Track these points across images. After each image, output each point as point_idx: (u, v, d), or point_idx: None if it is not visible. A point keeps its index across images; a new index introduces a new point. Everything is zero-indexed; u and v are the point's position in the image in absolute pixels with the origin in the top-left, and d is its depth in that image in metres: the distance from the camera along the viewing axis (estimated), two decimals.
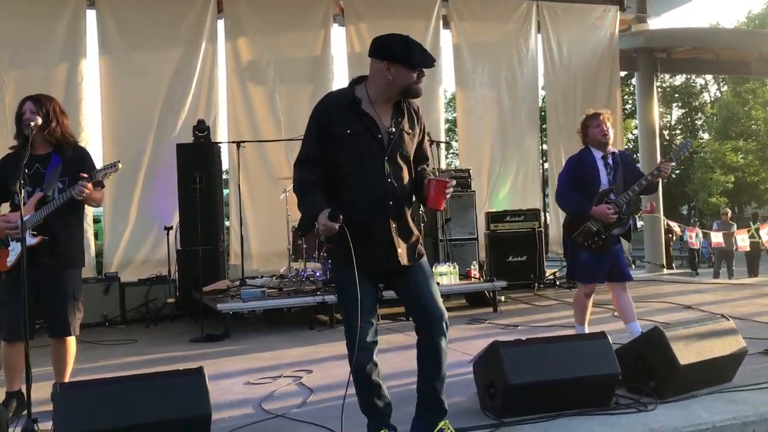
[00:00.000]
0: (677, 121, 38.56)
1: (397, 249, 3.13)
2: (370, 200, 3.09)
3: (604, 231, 4.86)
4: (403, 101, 3.18)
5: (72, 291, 4.07)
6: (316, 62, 10.09)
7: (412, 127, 3.21)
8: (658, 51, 13.26)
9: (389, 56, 3.05)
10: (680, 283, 10.29)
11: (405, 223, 3.20)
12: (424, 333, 3.17)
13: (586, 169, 5.01)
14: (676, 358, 3.78)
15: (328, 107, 3.15)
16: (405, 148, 3.17)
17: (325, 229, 2.99)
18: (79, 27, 9.03)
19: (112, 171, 3.98)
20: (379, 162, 3.08)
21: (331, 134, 3.09)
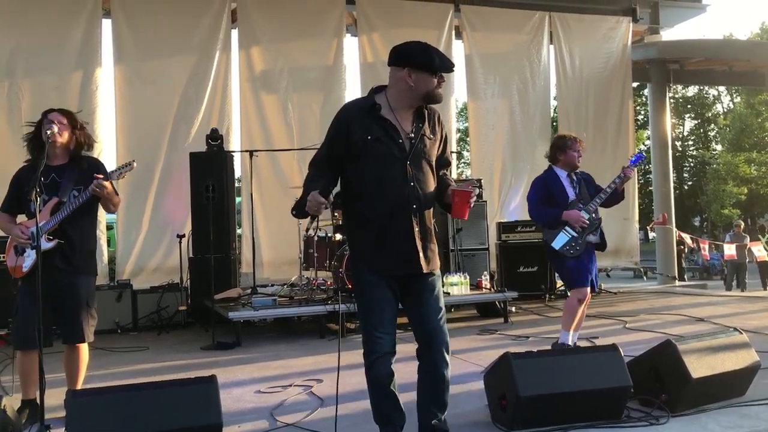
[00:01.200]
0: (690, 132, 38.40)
1: (419, 252, 3.14)
2: (393, 203, 3.10)
3: (579, 237, 5.17)
4: (423, 107, 3.20)
5: (86, 297, 4.11)
6: (329, 72, 10.13)
7: (434, 132, 3.24)
8: (671, 62, 13.22)
9: (410, 63, 3.09)
10: (692, 296, 10.23)
11: (427, 228, 3.22)
12: (425, 357, 3.20)
13: (554, 187, 5.37)
14: (689, 371, 3.77)
15: (348, 115, 3.21)
16: (427, 153, 3.20)
17: (311, 202, 3.02)
18: (95, 36, 9.10)
19: (128, 170, 4.06)
20: (401, 165, 3.11)
21: (349, 141, 3.12)
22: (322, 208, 3.03)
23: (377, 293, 3.13)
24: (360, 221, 3.19)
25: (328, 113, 9.85)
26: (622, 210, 11.61)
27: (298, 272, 8.43)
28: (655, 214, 13.23)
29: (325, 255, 7.85)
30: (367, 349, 3.16)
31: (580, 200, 5.31)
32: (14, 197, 4.17)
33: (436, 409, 3.20)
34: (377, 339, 3.12)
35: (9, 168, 4.30)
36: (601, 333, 6.67)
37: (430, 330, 3.16)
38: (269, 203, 9.55)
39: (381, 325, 3.12)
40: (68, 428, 3.08)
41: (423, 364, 3.21)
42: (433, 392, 3.19)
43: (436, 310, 3.18)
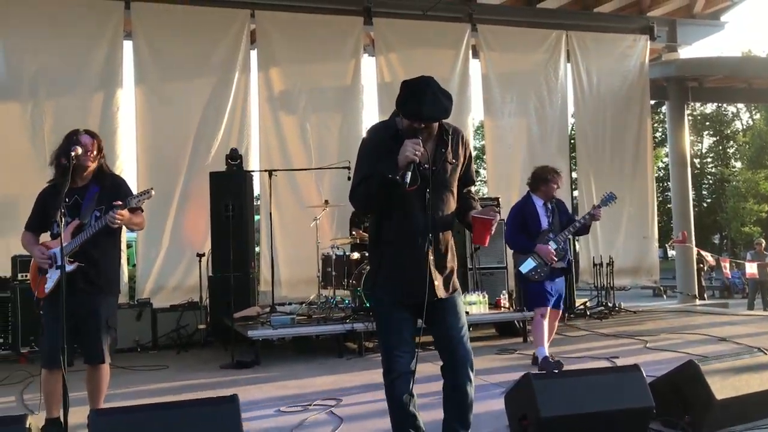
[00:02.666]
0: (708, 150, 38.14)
1: (434, 282, 3.14)
2: (410, 232, 3.11)
3: (545, 264, 5.80)
4: (444, 133, 3.19)
5: (105, 318, 4.14)
6: (347, 92, 10.21)
7: (456, 156, 3.23)
8: (689, 80, 13.19)
9: (397, 102, 3.11)
10: (713, 315, 10.11)
11: (443, 255, 3.22)
12: (449, 375, 3.21)
13: (529, 215, 5.96)
14: (713, 392, 3.73)
15: (374, 140, 3.23)
16: (447, 180, 3.20)
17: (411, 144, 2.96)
18: (116, 58, 9.25)
19: (146, 198, 4.07)
20: (420, 194, 3.09)
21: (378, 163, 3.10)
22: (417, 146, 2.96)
23: (395, 313, 3.16)
24: (378, 245, 3.22)
25: (345, 133, 9.96)
26: (641, 228, 11.59)
27: (316, 291, 8.45)
28: (674, 232, 13.14)
29: (342, 273, 7.87)
30: (386, 369, 3.17)
31: (551, 230, 5.91)
32: (38, 217, 4.23)
33: (460, 427, 3.20)
34: (396, 358, 3.13)
35: (32, 187, 4.36)
36: (622, 353, 6.60)
37: (453, 350, 3.17)
38: (288, 222, 9.60)
39: (399, 344, 3.14)
40: None
41: (447, 382, 3.21)
42: (458, 410, 3.19)
43: (458, 329, 3.19)
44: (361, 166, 3.21)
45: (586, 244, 11.34)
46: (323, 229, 8.91)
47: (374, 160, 3.12)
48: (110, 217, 3.93)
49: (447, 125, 3.23)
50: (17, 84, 8.82)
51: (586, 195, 11.40)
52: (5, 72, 8.79)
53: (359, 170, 3.21)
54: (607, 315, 9.84)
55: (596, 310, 10.05)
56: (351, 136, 9.86)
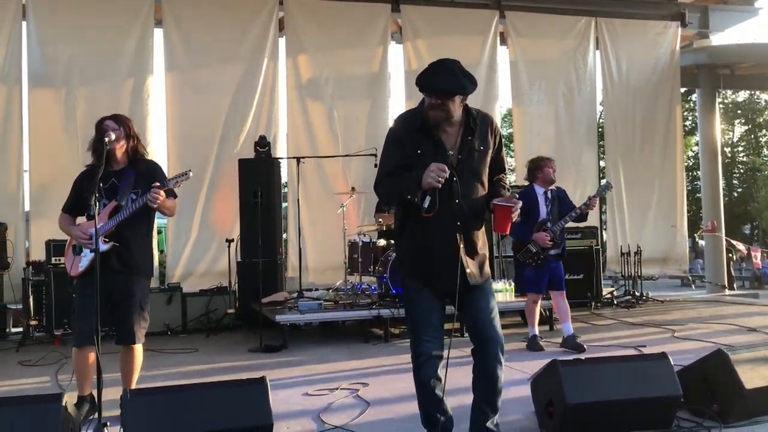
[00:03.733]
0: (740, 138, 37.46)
1: (466, 269, 3.15)
2: (440, 221, 3.10)
3: (542, 252, 6.25)
4: (471, 120, 3.18)
5: (139, 299, 4.23)
6: (374, 79, 10.21)
7: (484, 143, 3.21)
8: (721, 67, 12.95)
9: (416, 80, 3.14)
10: (743, 305, 9.99)
11: (473, 242, 3.23)
12: (479, 358, 3.24)
13: (531, 203, 6.26)
14: (741, 381, 3.71)
15: (400, 129, 3.24)
16: (475, 167, 3.19)
17: (435, 168, 2.96)
18: (147, 45, 9.35)
19: (184, 179, 4.15)
20: (447, 183, 3.06)
21: (406, 153, 3.15)
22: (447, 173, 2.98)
23: (424, 299, 3.19)
24: (406, 235, 3.23)
25: (372, 120, 9.98)
26: (669, 217, 11.46)
27: (342, 277, 8.52)
28: (703, 222, 12.96)
29: (369, 260, 7.92)
30: (415, 353, 3.20)
31: (549, 219, 6.29)
32: (75, 199, 4.33)
33: (490, 410, 3.23)
34: (424, 342, 3.17)
35: (65, 173, 4.45)
36: (649, 342, 6.57)
37: (485, 334, 3.20)
38: (315, 209, 9.67)
39: (428, 329, 3.17)
40: (125, 426, 3.19)
41: (478, 364, 3.25)
42: (487, 392, 3.23)
43: (488, 312, 3.22)
44: (385, 158, 3.24)
45: (614, 233, 11.26)
46: (350, 216, 8.96)
47: (397, 154, 3.16)
48: (151, 196, 4.01)
49: (475, 111, 3.22)
50: (51, 71, 8.96)
51: (615, 184, 11.27)
52: (40, 60, 8.94)
53: (383, 163, 3.25)
54: (634, 304, 9.77)
55: (623, 300, 9.98)
56: (378, 123, 9.88)
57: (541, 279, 6.38)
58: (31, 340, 7.50)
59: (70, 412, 3.29)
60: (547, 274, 6.39)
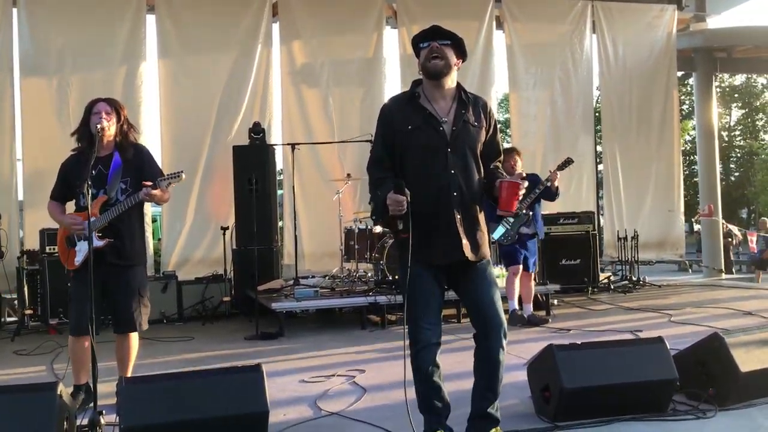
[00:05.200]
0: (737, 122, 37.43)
1: (462, 240, 3.13)
2: (434, 191, 3.12)
3: (511, 229, 6.52)
4: (463, 94, 3.22)
5: (137, 288, 4.21)
6: (369, 64, 10.15)
7: (478, 119, 3.22)
8: (717, 50, 12.89)
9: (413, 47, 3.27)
10: (740, 289, 10.01)
11: (472, 217, 3.21)
12: (481, 341, 3.22)
13: None
14: (737, 364, 3.71)
15: (390, 108, 3.30)
16: (470, 141, 3.19)
17: (392, 202, 3.02)
18: (139, 32, 9.27)
19: (176, 181, 4.08)
20: (441, 154, 3.11)
21: (394, 132, 3.20)
22: (404, 204, 3.01)
23: (423, 284, 3.14)
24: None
25: (368, 106, 9.92)
26: (666, 201, 11.46)
27: (339, 264, 8.50)
28: (700, 206, 12.96)
29: (365, 247, 7.90)
30: (413, 339, 3.17)
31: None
32: (62, 186, 4.27)
33: (491, 395, 3.21)
34: (423, 330, 3.14)
35: (60, 159, 4.37)
36: (646, 326, 6.58)
37: (485, 316, 3.17)
38: (310, 196, 9.64)
39: (426, 315, 3.15)
40: (121, 413, 3.18)
41: (479, 348, 3.23)
42: (488, 375, 3.20)
43: (489, 295, 3.19)
44: (375, 140, 3.31)
45: (610, 218, 11.27)
46: (346, 203, 8.93)
47: (385, 133, 3.23)
48: (145, 192, 3.96)
49: (469, 92, 3.27)
50: (43, 59, 8.89)
51: (611, 168, 11.29)
52: (31, 47, 8.86)
53: (374, 145, 3.32)
54: (631, 289, 9.79)
55: (620, 284, 9.99)
56: (373, 109, 9.77)
57: (517, 251, 6.67)
58: (26, 329, 7.48)
59: (65, 400, 3.28)
60: (522, 249, 6.70)
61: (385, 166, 3.23)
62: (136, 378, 3.59)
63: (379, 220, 3.20)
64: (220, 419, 3.23)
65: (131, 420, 3.15)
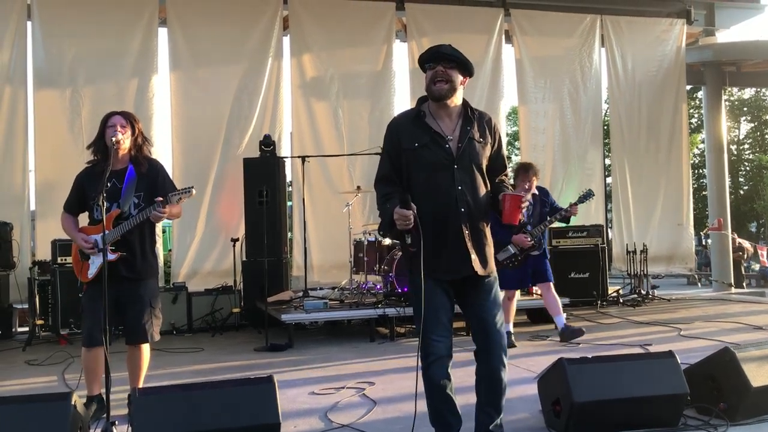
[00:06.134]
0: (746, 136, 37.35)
1: (471, 256, 3.17)
2: (442, 207, 3.16)
3: (520, 254, 6.31)
4: (469, 111, 3.26)
5: (149, 300, 4.24)
6: (378, 78, 10.21)
7: (483, 136, 3.27)
8: (726, 64, 12.92)
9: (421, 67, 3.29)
10: (749, 303, 9.96)
11: (480, 231, 3.24)
12: (482, 359, 3.24)
13: None
14: (748, 379, 3.70)
15: (397, 127, 3.33)
16: (476, 157, 3.23)
17: (399, 217, 3.06)
18: (151, 44, 9.36)
19: (186, 196, 4.09)
20: (448, 170, 3.16)
21: (401, 150, 3.24)
22: (411, 218, 3.05)
23: (433, 297, 3.14)
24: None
25: (377, 119, 9.97)
26: (676, 215, 11.43)
27: (347, 276, 8.52)
28: (710, 220, 12.93)
29: (374, 259, 7.92)
30: (423, 353, 3.16)
31: (529, 222, 6.30)
32: (76, 198, 4.30)
33: (494, 412, 3.22)
34: (433, 342, 3.14)
35: (70, 172, 4.42)
36: (655, 340, 6.56)
37: (488, 334, 3.19)
38: (320, 208, 9.68)
39: (437, 328, 3.14)
40: (133, 424, 3.19)
41: (480, 367, 3.25)
42: (491, 394, 3.22)
43: (493, 314, 3.22)
44: (382, 157, 3.36)
45: (619, 231, 11.25)
46: (355, 215, 8.96)
47: (392, 152, 3.28)
48: (155, 214, 3.99)
49: (474, 108, 3.30)
50: (56, 71, 8.97)
51: (620, 182, 11.28)
52: (44, 59, 8.95)
53: (381, 162, 3.36)
54: (640, 302, 9.76)
55: (629, 298, 9.97)
56: (383, 122, 9.84)
57: (515, 277, 6.39)
58: (37, 339, 7.53)
59: (79, 410, 3.30)
60: (529, 270, 6.43)
61: (392, 182, 3.27)
62: (149, 389, 3.61)
63: (387, 233, 3.18)
64: (232, 430, 3.24)
65: (144, 430, 3.16)
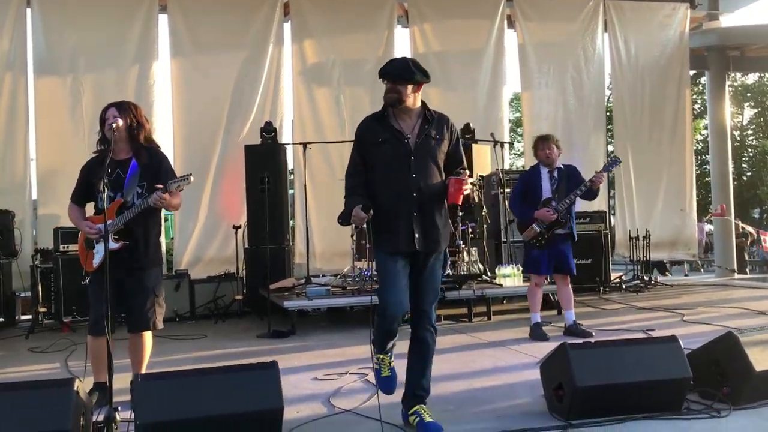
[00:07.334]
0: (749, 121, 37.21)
1: (415, 234, 3.62)
2: (397, 193, 3.64)
3: (546, 231, 6.02)
4: (427, 113, 3.73)
5: (152, 288, 4.25)
6: (380, 64, 9.90)
7: (440, 133, 3.73)
8: (730, 49, 12.83)
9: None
10: (752, 288, 9.95)
11: (430, 216, 3.67)
12: (414, 326, 3.73)
13: (532, 183, 6.19)
14: (751, 363, 3.69)
15: (364, 126, 3.83)
16: (431, 151, 3.69)
17: (355, 217, 3.61)
18: (152, 32, 9.34)
19: (185, 184, 4.09)
20: (405, 162, 3.64)
21: (367, 146, 3.74)
22: (365, 221, 3.59)
23: (390, 265, 3.63)
24: (376, 209, 3.66)
25: (379, 105, 9.77)
26: (678, 201, 11.41)
27: (349, 263, 8.51)
28: (713, 206, 12.89)
29: None
30: (381, 312, 3.59)
31: (553, 198, 6.04)
32: (83, 188, 4.31)
33: (421, 374, 3.71)
34: (388, 304, 3.57)
35: (72, 160, 4.46)
36: (658, 326, 6.55)
37: (420, 310, 3.69)
38: (321, 195, 9.63)
39: (393, 292, 3.58)
40: (136, 410, 3.20)
41: (413, 335, 3.75)
42: (419, 356, 3.72)
43: (427, 291, 3.70)
44: (352, 153, 3.83)
45: (622, 217, 11.23)
46: None
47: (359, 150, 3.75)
48: (155, 198, 4.00)
49: (433, 111, 3.76)
50: (57, 59, 8.97)
51: (623, 167, 11.22)
52: (45, 47, 8.94)
53: (351, 157, 3.82)
54: (643, 288, 9.75)
55: (632, 284, 9.96)
56: None
57: (544, 260, 6.10)
58: (40, 327, 7.54)
59: (82, 397, 3.30)
60: (553, 256, 6.09)
61: (357, 177, 3.75)
62: (151, 375, 3.61)
63: (344, 222, 3.79)
64: (235, 416, 3.24)
65: (146, 416, 3.16)
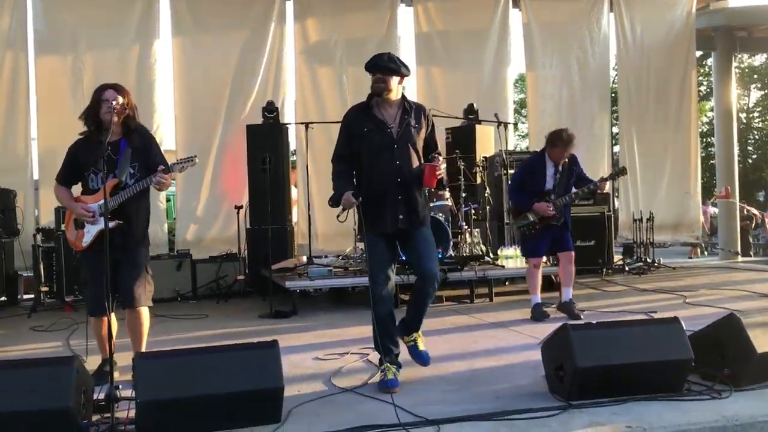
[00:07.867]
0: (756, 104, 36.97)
1: (400, 216, 4.01)
2: (383, 178, 4.01)
3: (539, 222, 6.07)
4: (406, 103, 4.06)
5: (143, 266, 4.29)
6: (383, 43, 10.05)
7: (418, 122, 4.10)
8: (738, 29, 12.65)
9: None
10: (756, 271, 9.92)
11: (412, 197, 4.05)
12: (418, 284, 4.09)
13: (534, 173, 6.16)
14: (753, 345, 3.67)
15: (351, 116, 4.16)
16: (411, 138, 4.06)
17: (345, 201, 3.99)
18: (153, 10, 9.26)
19: (189, 165, 4.17)
20: (389, 149, 4.01)
21: (354, 134, 4.08)
22: (354, 206, 3.98)
23: (378, 247, 4.02)
24: (363, 194, 4.01)
25: None
26: (683, 183, 11.35)
27: (351, 243, 8.49)
28: (717, 188, 12.82)
29: None
30: (371, 293, 3.95)
31: (554, 191, 6.05)
32: (70, 170, 4.31)
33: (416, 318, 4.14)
34: (378, 282, 3.95)
35: (74, 137, 4.39)
36: (660, 308, 6.54)
37: (426, 270, 4.03)
38: (323, 175, 9.53)
39: (382, 271, 3.98)
40: (137, 388, 3.20)
41: (416, 289, 4.12)
42: (417, 305, 4.13)
43: (427, 253, 4.05)
44: (338, 139, 4.16)
45: (626, 199, 11.19)
46: None
47: (346, 135, 4.11)
48: (158, 179, 4.03)
49: (411, 101, 4.12)
50: (57, 38, 8.91)
51: (628, 149, 11.18)
52: (45, 26, 8.88)
53: (338, 143, 4.15)
54: (645, 271, 9.73)
55: (634, 266, 9.94)
56: None
57: (541, 243, 6.17)
58: (42, 306, 7.57)
59: (83, 375, 3.31)
60: (550, 238, 6.16)
61: (345, 160, 4.11)
62: (152, 353, 3.61)
63: (334, 204, 4.07)
64: (235, 394, 3.24)
65: (147, 395, 3.16)
